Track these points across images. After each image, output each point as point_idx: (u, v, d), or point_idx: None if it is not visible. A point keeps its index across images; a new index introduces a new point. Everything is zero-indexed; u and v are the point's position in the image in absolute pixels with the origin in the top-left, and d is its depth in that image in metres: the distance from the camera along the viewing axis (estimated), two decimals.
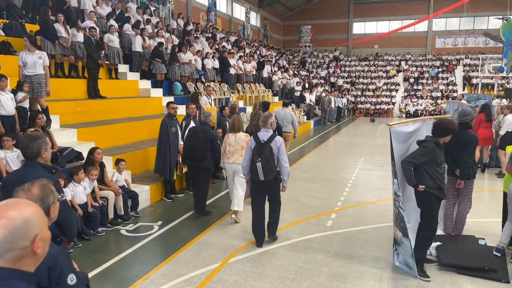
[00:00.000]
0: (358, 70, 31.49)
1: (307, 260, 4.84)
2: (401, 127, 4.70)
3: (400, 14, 31.63)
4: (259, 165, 4.97)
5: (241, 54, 17.39)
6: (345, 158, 11.69)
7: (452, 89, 27.22)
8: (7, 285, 1.23)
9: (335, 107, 22.93)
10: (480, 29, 30.42)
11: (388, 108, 27.44)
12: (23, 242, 1.27)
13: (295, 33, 35.08)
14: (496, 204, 6.98)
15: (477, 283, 4.29)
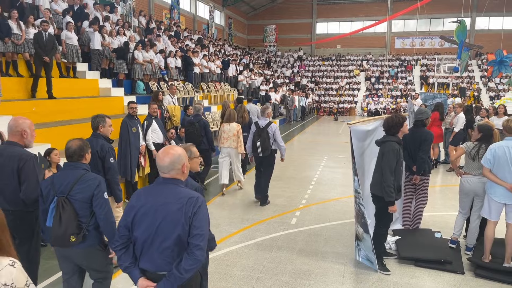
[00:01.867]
0: (321, 70, 32.05)
1: (272, 258, 4.87)
2: (360, 126, 4.82)
3: (361, 15, 32.49)
4: (258, 144, 6.71)
5: (205, 53, 17.25)
6: (309, 156, 11.86)
7: (410, 88, 28.26)
8: (172, 183, 2.42)
9: (300, 106, 23.23)
10: (436, 30, 31.80)
11: (350, 107, 28.11)
12: (178, 165, 2.43)
13: (260, 33, 35.23)
14: (450, 198, 7.33)
15: (434, 275, 4.47)
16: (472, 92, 26.22)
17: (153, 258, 2.37)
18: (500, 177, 4.32)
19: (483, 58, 28.25)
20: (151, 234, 2.36)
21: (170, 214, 2.33)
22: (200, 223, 2.34)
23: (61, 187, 2.98)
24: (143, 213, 2.38)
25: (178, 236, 2.32)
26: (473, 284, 4.27)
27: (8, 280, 1.75)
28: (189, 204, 2.34)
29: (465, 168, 4.91)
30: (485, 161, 4.42)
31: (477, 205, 4.79)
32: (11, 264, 1.80)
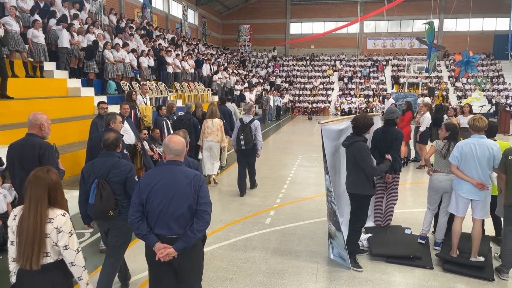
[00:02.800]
0: (296, 70, 32.30)
1: (246, 259, 4.85)
2: (331, 125, 4.87)
3: (334, 15, 32.95)
4: (241, 138, 7.41)
5: (178, 52, 17.05)
6: (284, 156, 11.92)
7: (382, 88, 28.87)
8: (179, 164, 2.95)
9: (275, 106, 23.31)
10: (406, 31, 32.63)
11: (324, 106, 28.45)
12: (184, 150, 2.99)
13: (234, 32, 35.16)
14: (420, 195, 7.52)
15: (404, 270, 4.57)
16: (440, 92, 27.06)
17: (169, 224, 2.87)
18: (467, 173, 4.45)
19: (451, 59, 29.20)
20: (166, 205, 2.86)
21: (181, 188, 2.87)
22: (205, 193, 2.94)
23: (101, 171, 3.67)
24: (157, 189, 2.88)
25: (189, 205, 2.87)
26: (441, 278, 4.39)
27: (59, 225, 2.48)
28: (195, 180, 2.92)
29: (435, 166, 5.05)
30: (452, 159, 4.56)
31: (446, 202, 4.93)
32: (62, 214, 2.53)
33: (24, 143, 3.91)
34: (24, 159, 3.86)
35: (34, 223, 2.42)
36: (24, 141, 3.93)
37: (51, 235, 2.46)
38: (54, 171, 2.61)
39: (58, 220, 2.48)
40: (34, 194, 2.46)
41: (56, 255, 2.52)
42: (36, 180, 2.49)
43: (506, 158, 4.23)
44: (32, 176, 2.52)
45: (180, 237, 2.85)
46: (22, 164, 3.87)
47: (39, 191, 2.47)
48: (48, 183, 2.50)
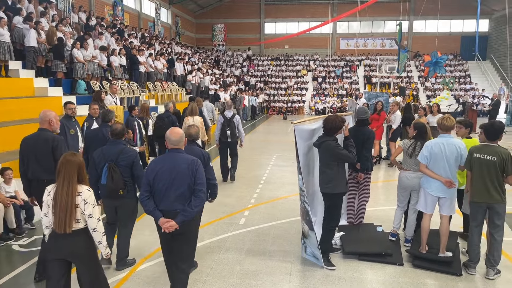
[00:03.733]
0: (270, 70, 32.40)
1: (220, 260, 4.81)
2: (304, 125, 4.89)
3: (308, 16, 33.23)
4: (228, 132, 8.34)
5: (151, 51, 16.77)
6: (259, 156, 11.92)
7: (355, 87, 29.35)
8: (180, 151, 3.57)
9: (250, 106, 23.30)
10: (378, 32, 33.30)
11: (299, 106, 28.66)
12: (182, 140, 3.54)
13: (208, 32, 34.92)
14: (391, 193, 7.64)
15: (375, 268, 4.64)
16: (411, 91, 27.74)
17: (171, 201, 3.49)
18: (435, 172, 4.55)
19: (420, 59, 30.00)
20: (169, 185, 3.47)
21: (181, 171, 3.49)
22: (200, 175, 3.53)
23: (110, 156, 4.33)
24: (162, 172, 3.50)
25: (188, 184, 3.49)
26: (411, 274, 4.49)
27: (86, 198, 3.12)
28: (192, 164, 3.53)
29: (403, 165, 5.15)
30: (422, 158, 4.65)
31: (415, 199, 5.04)
32: (88, 189, 3.18)
33: (38, 137, 4.44)
34: (38, 151, 4.37)
35: (67, 196, 3.05)
36: (37, 135, 4.47)
37: (80, 205, 3.10)
38: (79, 155, 3.25)
39: (85, 193, 3.14)
40: (66, 173, 3.08)
41: (84, 222, 3.16)
42: (67, 162, 3.11)
43: (471, 156, 4.36)
44: (63, 159, 3.13)
45: (180, 211, 3.45)
46: (36, 155, 4.37)
47: (70, 171, 3.09)
48: (78, 164, 3.14)
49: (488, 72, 30.08)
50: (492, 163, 4.20)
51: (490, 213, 4.33)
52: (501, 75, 28.99)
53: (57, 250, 3.14)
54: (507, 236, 5.39)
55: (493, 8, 30.07)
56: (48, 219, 3.15)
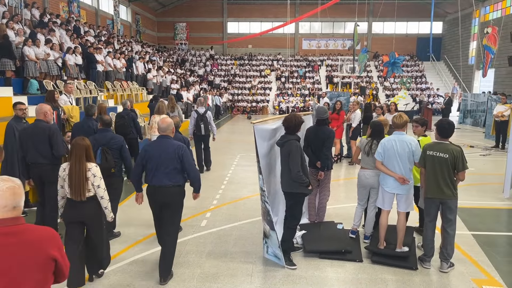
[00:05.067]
0: (234, 69, 32.31)
1: (180, 264, 4.69)
2: (264, 124, 4.87)
3: (271, 16, 33.41)
4: (202, 126, 9.15)
5: (109, 49, 16.23)
6: (222, 156, 11.82)
7: (317, 87, 29.84)
8: (168, 137, 4.29)
9: (213, 105, 23.11)
10: (338, 33, 34.02)
11: (263, 105, 28.77)
12: (170, 128, 4.29)
13: (170, 30, 34.34)
14: (352, 190, 7.78)
15: (335, 265, 4.69)
16: (371, 91, 28.55)
17: (161, 178, 4.18)
18: (390, 168, 4.68)
19: (379, 60, 30.93)
20: (159, 165, 4.17)
21: (168, 154, 4.18)
22: (187, 159, 4.24)
23: (103, 141, 5.13)
24: (152, 155, 4.21)
25: (174, 166, 4.18)
26: (370, 270, 4.57)
27: (94, 173, 3.91)
28: (178, 149, 4.21)
29: (362, 163, 5.25)
30: (377, 155, 4.77)
31: (373, 197, 5.14)
32: (96, 166, 3.99)
33: (35, 127, 5.20)
34: (36, 139, 5.10)
35: (80, 171, 3.83)
36: (34, 125, 5.23)
37: (90, 178, 3.89)
38: (86, 139, 4.00)
39: (94, 169, 3.96)
40: (77, 153, 3.86)
41: (93, 192, 3.94)
42: (77, 145, 3.88)
43: (425, 153, 4.50)
44: (74, 142, 3.92)
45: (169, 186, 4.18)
46: (34, 143, 5.10)
47: (81, 151, 3.87)
48: (86, 146, 3.91)
49: (442, 72, 31.51)
50: (444, 160, 4.35)
51: (443, 208, 4.49)
52: (454, 75, 30.43)
53: (76, 214, 3.92)
54: (460, 230, 5.62)
55: (446, 11, 31.52)
56: (64, 190, 3.96)
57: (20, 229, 1.91)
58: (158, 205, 4.28)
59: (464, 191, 7.85)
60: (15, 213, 1.92)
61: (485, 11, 27.04)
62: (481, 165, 10.63)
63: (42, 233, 1.98)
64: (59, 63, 11.93)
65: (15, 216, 1.92)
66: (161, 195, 4.20)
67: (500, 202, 7.30)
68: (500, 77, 25.03)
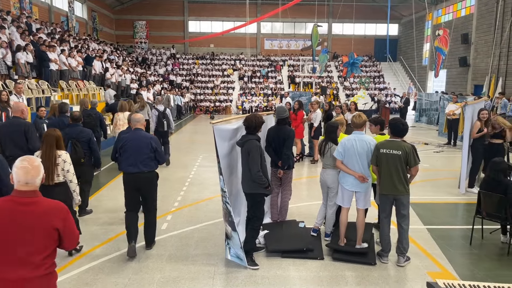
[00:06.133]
0: (196, 68, 31.95)
1: (139, 269, 4.55)
2: (224, 124, 4.81)
3: (232, 15, 33.31)
4: (164, 122, 9.84)
5: (64, 47, 15.54)
6: (184, 156, 11.64)
7: (280, 87, 30.10)
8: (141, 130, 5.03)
9: (175, 105, 22.74)
10: (300, 33, 34.49)
11: (226, 105, 28.65)
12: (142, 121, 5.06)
13: (129, 28, 33.42)
14: (314, 189, 7.90)
15: (297, 264, 4.72)
16: (331, 91, 29.15)
17: (137, 164, 4.76)
18: (349, 167, 4.76)
19: (339, 60, 31.65)
20: (136, 153, 4.75)
21: (143, 144, 4.79)
22: (160, 148, 4.98)
23: (73, 135, 5.72)
24: (129, 144, 4.78)
25: (148, 155, 4.79)
26: (331, 268, 4.63)
27: (64, 159, 4.49)
28: (151, 139, 4.89)
29: (322, 163, 5.32)
30: (337, 154, 4.84)
31: (332, 195, 5.21)
32: (65, 153, 4.58)
33: (12, 123, 5.71)
34: (13, 134, 5.54)
35: (50, 157, 4.35)
36: (11, 122, 5.77)
37: (60, 164, 4.43)
38: (57, 130, 4.60)
39: (64, 155, 4.51)
40: (48, 142, 4.41)
41: (62, 177, 4.47)
42: (49, 135, 4.45)
43: (377, 151, 4.61)
44: (47, 133, 4.52)
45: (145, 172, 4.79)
46: (12, 137, 5.55)
47: (52, 140, 4.42)
48: (56, 136, 4.47)
49: (398, 72, 32.72)
50: (397, 157, 4.49)
51: (397, 204, 4.64)
52: (410, 75, 31.68)
53: None
54: (415, 225, 5.84)
55: (402, 13, 32.75)
56: None
57: (31, 201, 2.31)
58: (136, 190, 4.84)
59: (420, 187, 8.16)
60: (28, 188, 2.33)
61: (438, 14, 28.33)
62: (435, 161, 11.10)
63: (50, 205, 2.38)
64: (7, 62, 11.29)
65: (28, 190, 2.32)
66: (139, 180, 4.78)
67: (454, 197, 7.64)
68: (451, 77, 26.31)
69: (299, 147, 10.51)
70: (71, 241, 2.45)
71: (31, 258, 2.26)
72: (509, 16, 19.52)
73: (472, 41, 23.66)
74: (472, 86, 23.39)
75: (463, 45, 24.32)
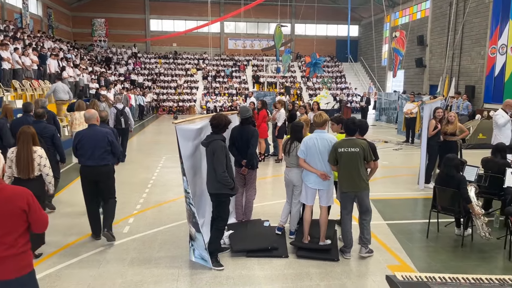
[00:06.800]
0: (158, 68, 31.36)
1: (99, 275, 4.39)
2: (187, 124, 4.74)
3: (195, 14, 32.92)
4: (122, 119, 10.22)
5: (17, 46, 14.76)
6: (147, 158, 11.38)
7: (244, 87, 30.12)
8: (95, 125, 5.32)
9: (137, 105, 22.20)
10: (263, 33, 34.65)
11: (190, 105, 28.32)
12: (94, 117, 5.29)
13: (87, 26, 32.27)
14: (278, 188, 7.95)
15: (262, 262, 4.72)
16: (295, 91, 29.51)
17: (95, 158, 5.05)
18: (312, 165, 4.83)
19: (302, 60, 32.10)
20: (93, 148, 5.05)
21: (100, 138, 5.09)
22: (114, 142, 5.20)
23: (37, 130, 5.08)
24: (85, 139, 5.08)
25: (105, 149, 5.09)
26: (295, 265, 4.67)
27: (40, 154, 4.66)
28: (108, 134, 5.16)
29: (287, 162, 5.37)
30: (300, 153, 4.90)
31: (296, 194, 5.27)
32: (41, 148, 4.72)
33: None
34: None
35: (27, 153, 4.51)
36: None
37: (36, 159, 4.58)
38: (31, 127, 4.67)
39: (39, 151, 4.65)
40: (25, 139, 4.50)
41: (38, 171, 4.65)
42: (25, 132, 4.51)
43: (336, 151, 4.71)
44: (22, 130, 4.53)
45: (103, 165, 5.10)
46: None
47: (28, 137, 4.51)
48: (32, 133, 4.56)
49: (359, 73, 33.64)
50: (356, 154, 4.63)
51: (358, 200, 4.77)
52: (370, 75, 32.64)
53: None
54: (376, 220, 6.01)
55: (362, 15, 33.68)
56: (11, 170, 4.57)
57: None
58: (93, 182, 5.14)
59: (380, 183, 8.42)
60: None
61: (395, 16, 29.36)
62: (394, 159, 11.49)
63: (14, 190, 2.61)
64: None
65: None
66: (97, 173, 5.09)
67: (413, 192, 7.94)
68: (409, 77, 27.34)
69: (263, 147, 10.55)
70: (40, 223, 2.66)
71: (3, 239, 2.49)
72: (461, 19, 20.55)
73: (427, 43, 24.69)
74: (428, 86, 24.42)
75: (419, 46, 25.32)
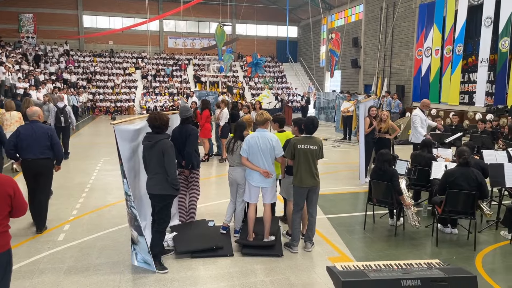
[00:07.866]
0: (94, 66, 29.90)
1: (32, 286, 4.12)
2: (126, 125, 4.58)
3: (133, 12, 31.84)
4: (62, 118, 10.55)
5: None
6: (83, 161, 10.82)
7: (186, 86, 29.67)
8: (37, 122, 5.63)
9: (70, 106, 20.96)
10: (204, 32, 34.39)
11: (128, 105, 27.33)
12: (37, 114, 5.65)
13: (14, 22, 29.90)
14: (222, 187, 7.96)
15: (207, 263, 4.71)
16: (238, 90, 29.64)
17: (36, 152, 5.39)
18: (255, 163, 4.90)
19: (244, 60, 32.33)
20: (33, 143, 5.37)
21: (41, 134, 5.42)
22: (55, 139, 5.58)
23: None
24: (26, 135, 5.36)
25: (45, 143, 5.45)
26: (240, 263, 4.71)
27: None
28: (49, 130, 5.54)
29: (230, 161, 5.39)
30: (242, 151, 4.95)
31: (240, 192, 5.32)
32: None
33: None
34: None
35: None
36: None
37: None
38: None
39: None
40: None
41: None
42: None
43: (295, 147, 4.84)
44: None
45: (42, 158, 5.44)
46: None
47: None
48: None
49: (299, 73, 34.57)
50: (314, 151, 4.84)
51: (310, 195, 4.95)
52: (309, 75, 33.69)
53: None
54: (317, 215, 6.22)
55: (300, 17, 34.64)
56: None
57: None
58: (33, 175, 5.45)
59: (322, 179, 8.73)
60: None
61: (332, 18, 30.54)
62: (333, 155, 11.98)
63: (2, 177, 2.88)
64: None
65: None
66: (36, 166, 5.40)
67: (352, 187, 8.33)
68: (345, 77, 28.61)
69: (207, 147, 10.48)
70: (20, 209, 3.00)
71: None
72: (391, 23, 21.90)
73: (361, 45, 26.00)
74: (363, 85, 25.73)
75: (354, 48, 26.58)
